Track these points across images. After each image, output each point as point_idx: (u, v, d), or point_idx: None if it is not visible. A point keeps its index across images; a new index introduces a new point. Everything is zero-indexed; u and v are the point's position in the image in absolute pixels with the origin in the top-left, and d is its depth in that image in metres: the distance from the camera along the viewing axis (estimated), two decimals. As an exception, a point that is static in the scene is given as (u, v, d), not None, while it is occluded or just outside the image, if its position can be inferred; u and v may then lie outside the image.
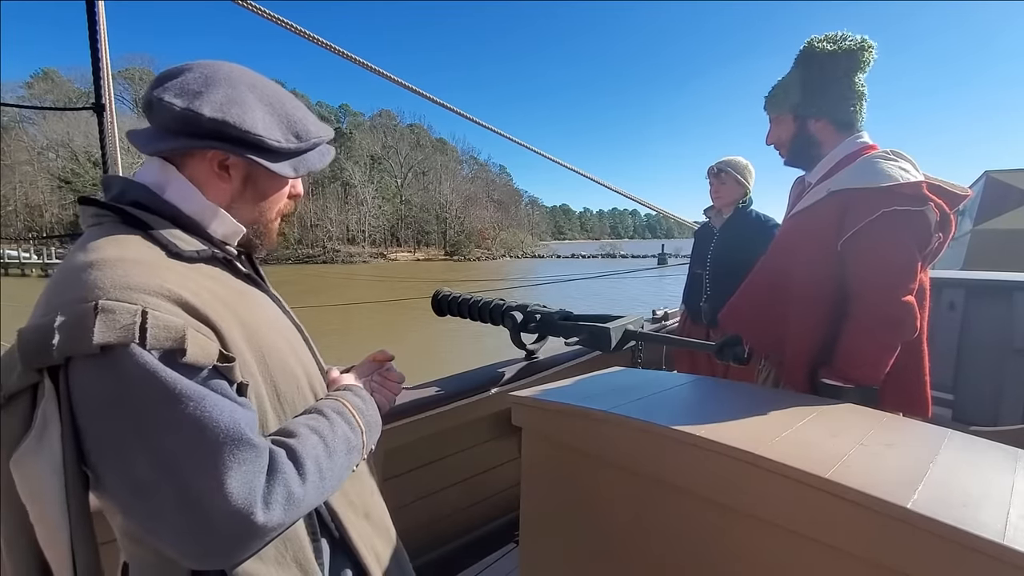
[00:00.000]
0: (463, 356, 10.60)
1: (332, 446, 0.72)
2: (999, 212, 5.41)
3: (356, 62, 2.15)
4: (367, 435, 0.80)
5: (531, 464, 1.29)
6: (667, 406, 1.15)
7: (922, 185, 1.25)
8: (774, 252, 1.52)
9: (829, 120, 1.44)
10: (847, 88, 1.40)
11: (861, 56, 1.39)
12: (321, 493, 0.69)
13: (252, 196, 0.78)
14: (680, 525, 0.99)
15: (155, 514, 0.58)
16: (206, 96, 0.70)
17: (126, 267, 0.60)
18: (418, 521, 1.88)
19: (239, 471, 0.58)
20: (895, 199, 1.25)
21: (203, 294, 0.65)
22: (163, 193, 0.72)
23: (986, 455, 0.93)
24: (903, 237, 1.26)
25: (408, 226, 76.15)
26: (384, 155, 77.53)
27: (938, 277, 2.83)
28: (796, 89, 1.48)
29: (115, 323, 0.56)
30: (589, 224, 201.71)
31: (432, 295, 2.26)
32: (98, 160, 1.75)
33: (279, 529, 0.63)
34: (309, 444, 0.69)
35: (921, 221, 1.26)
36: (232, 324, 0.67)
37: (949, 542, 0.67)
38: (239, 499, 0.58)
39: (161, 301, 0.60)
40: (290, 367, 0.76)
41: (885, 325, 1.26)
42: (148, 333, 0.57)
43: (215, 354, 0.62)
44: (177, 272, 0.65)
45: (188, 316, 0.61)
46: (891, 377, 1.30)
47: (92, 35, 1.66)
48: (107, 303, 0.56)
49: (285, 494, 0.62)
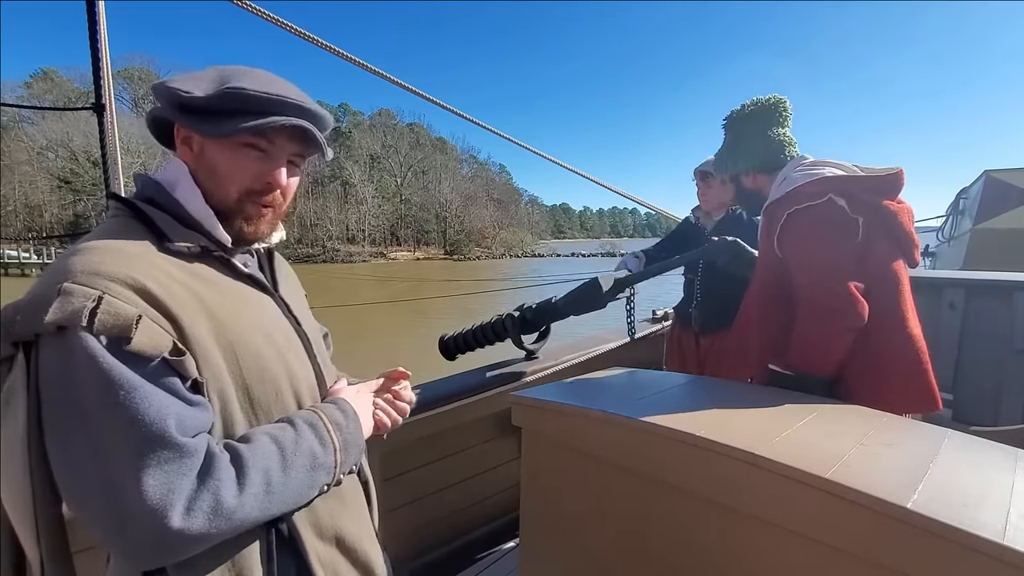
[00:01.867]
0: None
1: (291, 460, 0.68)
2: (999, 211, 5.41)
3: (356, 62, 2.15)
4: (342, 453, 0.75)
5: (531, 464, 1.29)
6: (667, 406, 1.15)
7: (819, 180, 1.36)
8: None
9: (758, 171, 1.61)
10: (768, 140, 1.57)
11: (774, 111, 1.58)
12: (265, 508, 0.65)
13: (206, 172, 0.74)
14: (680, 525, 0.99)
15: (83, 502, 0.58)
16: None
17: (101, 254, 0.63)
18: (418, 521, 1.88)
19: (158, 470, 0.57)
20: (796, 200, 1.37)
21: (174, 287, 0.65)
22: (173, 191, 0.74)
23: (986, 455, 0.93)
24: (813, 229, 1.35)
25: (408, 225, 76.14)
26: (384, 154, 77.52)
27: (938, 277, 2.83)
28: (725, 155, 1.69)
29: (69, 305, 0.57)
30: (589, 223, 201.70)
31: (438, 341, 2.24)
32: (97, 160, 1.75)
33: (203, 538, 0.60)
34: (261, 454, 0.65)
35: (826, 212, 1.34)
36: (200, 320, 0.66)
37: (949, 542, 0.67)
38: (154, 499, 0.56)
39: (121, 288, 0.61)
40: (270, 372, 0.73)
41: (823, 313, 1.31)
42: (96, 318, 0.57)
43: (166, 346, 0.61)
44: (153, 264, 0.66)
45: (147, 306, 0.62)
46: (893, 371, 1.31)
47: (92, 35, 1.66)
48: (69, 286, 0.58)
49: (212, 502, 0.59)
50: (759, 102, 1.60)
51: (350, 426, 0.78)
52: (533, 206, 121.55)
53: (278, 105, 0.73)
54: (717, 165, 1.73)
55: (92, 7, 1.63)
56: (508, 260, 70.89)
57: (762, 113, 1.59)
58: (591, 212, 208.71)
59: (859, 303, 1.28)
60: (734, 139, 1.66)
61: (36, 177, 49.31)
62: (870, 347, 1.31)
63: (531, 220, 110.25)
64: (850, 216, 1.32)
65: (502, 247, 79.26)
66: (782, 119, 1.59)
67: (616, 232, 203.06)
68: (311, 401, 0.80)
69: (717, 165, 1.73)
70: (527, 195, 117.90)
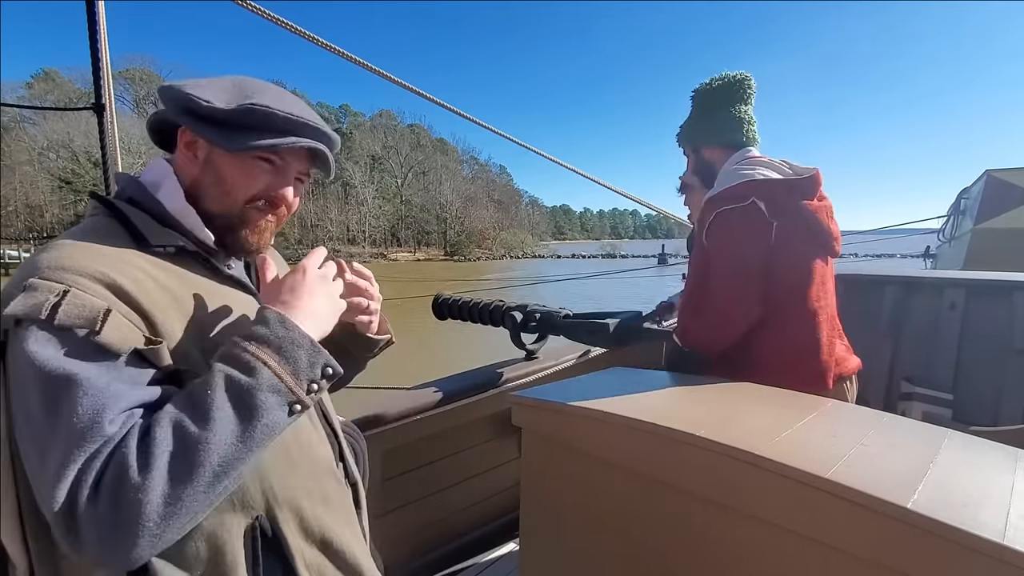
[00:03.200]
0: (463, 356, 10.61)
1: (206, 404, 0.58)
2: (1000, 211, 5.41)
3: (356, 62, 2.15)
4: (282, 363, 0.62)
5: (531, 464, 1.29)
6: (667, 406, 1.15)
7: (744, 184, 1.46)
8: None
9: (716, 144, 1.66)
10: (729, 116, 1.61)
11: (738, 88, 1.61)
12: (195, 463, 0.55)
13: (212, 180, 0.75)
14: (680, 525, 0.99)
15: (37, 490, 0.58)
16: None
17: (70, 250, 0.63)
18: (418, 521, 1.88)
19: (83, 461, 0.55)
20: (723, 201, 1.48)
21: (147, 284, 0.65)
22: (156, 191, 0.74)
23: (986, 455, 0.93)
24: (732, 231, 1.46)
25: (408, 226, 76.12)
26: (384, 155, 77.53)
27: (938, 277, 2.83)
28: (689, 126, 1.73)
29: (31, 299, 0.58)
30: (589, 224, 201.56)
31: (432, 299, 2.26)
32: (98, 160, 1.75)
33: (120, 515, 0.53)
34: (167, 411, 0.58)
35: (746, 214, 1.44)
36: (174, 318, 0.66)
37: (949, 542, 0.67)
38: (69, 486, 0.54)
39: (89, 282, 0.61)
40: None
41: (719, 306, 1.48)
42: (60, 311, 0.57)
43: (136, 340, 0.61)
44: (126, 260, 0.65)
45: (117, 300, 0.62)
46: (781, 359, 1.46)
47: (92, 35, 1.66)
48: (34, 281, 0.59)
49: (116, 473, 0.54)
50: (726, 77, 1.63)
51: (276, 331, 0.64)
52: (533, 207, 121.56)
53: (300, 127, 0.75)
54: (681, 137, 1.77)
55: (92, 7, 1.63)
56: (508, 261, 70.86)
57: (727, 89, 1.63)
58: (591, 213, 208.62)
59: (749, 303, 1.44)
60: (698, 112, 1.70)
61: (37, 177, 49.33)
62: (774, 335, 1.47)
63: (531, 221, 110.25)
64: (767, 220, 1.44)
65: (502, 248, 79.23)
66: (746, 96, 1.63)
67: (617, 233, 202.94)
68: None
69: (681, 137, 1.77)
70: (528, 196, 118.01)
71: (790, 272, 1.48)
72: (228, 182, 0.74)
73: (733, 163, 1.59)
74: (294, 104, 0.76)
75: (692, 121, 1.73)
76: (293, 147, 0.75)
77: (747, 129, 1.62)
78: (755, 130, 1.64)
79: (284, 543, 0.71)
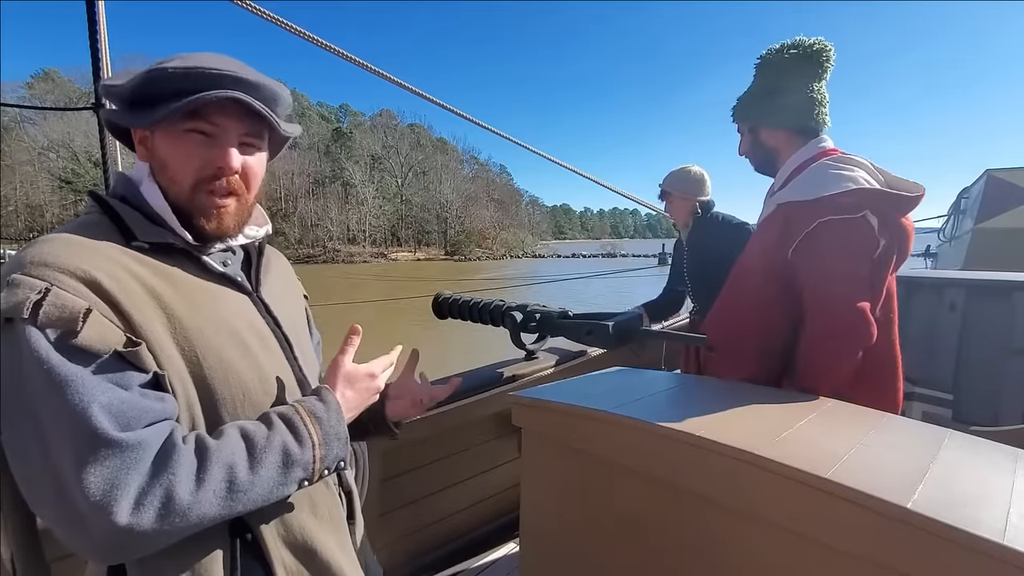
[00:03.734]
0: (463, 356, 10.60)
1: (260, 456, 0.64)
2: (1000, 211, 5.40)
3: (356, 62, 2.15)
4: (321, 448, 0.70)
5: (531, 464, 1.29)
6: (667, 406, 1.15)
7: (858, 193, 1.24)
8: (738, 263, 1.54)
9: (781, 127, 1.44)
10: (800, 93, 1.39)
11: (812, 61, 1.37)
12: (228, 506, 0.62)
13: (159, 167, 0.71)
14: (680, 525, 0.98)
15: (37, 500, 0.58)
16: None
17: (53, 246, 0.62)
18: (418, 521, 1.88)
19: (98, 466, 0.55)
20: (830, 209, 1.25)
21: (129, 282, 0.64)
22: (140, 187, 0.74)
23: (986, 455, 0.93)
24: (841, 246, 1.26)
25: (409, 226, 76.09)
26: (385, 155, 77.53)
27: (938, 277, 2.83)
28: (748, 100, 1.50)
29: (14, 296, 0.57)
30: (590, 224, 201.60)
31: (432, 298, 2.26)
32: (98, 160, 1.75)
33: (157, 535, 0.57)
34: (228, 449, 0.63)
35: (858, 228, 1.25)
36: (154, 317, 0.64)
37: (949, 542, 0.67)
38: (96, 496, 0.54)
39: (70, 280, 0.60)
40: (236, 372, 0.70)
41: (837, 336, 1.26)
42: (42, 310, 0.57)
43: (116, 340, 0.60)
44: (110, 258, 0.64)
45: (97, 299, 0.60)
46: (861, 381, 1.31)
47: (92, 35, 1.66)
48: (16, 277, 0.58)
49: (164, 497, 0.57)
50: (801, 46, 1.38)
51: (332, 419, 0.73)
52: (534, 207, 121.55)
53: (205, 79, 0.67)
54: (737, 110, 1.55)
55: (92, 7, 1.63)
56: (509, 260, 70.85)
57: (802, 60, 1.38)
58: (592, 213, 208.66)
59: (871, 326, 1.25)
60: (763, 85, 1.45)
61: (37, 177, 49.35)
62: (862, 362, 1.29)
63: (532, 221, 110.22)
64: (876, 238, 1.27)
65: (503, 248, 79.20)
66: (823, 71, 1.39)
67: (617, 233, 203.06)
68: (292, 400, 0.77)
69: (737, 110, 1.55)
70: (528, 196, 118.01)
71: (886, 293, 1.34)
72: (170, 166, 0.71)
73: (813, 156, 1.38)
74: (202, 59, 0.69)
75: (754, 94, 1.48)
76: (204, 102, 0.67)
77: (818, 111, 1.40)
78: (827, 112, 1.41)
79: (264, 548, 0.71)
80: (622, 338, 1.85)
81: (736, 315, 1.48)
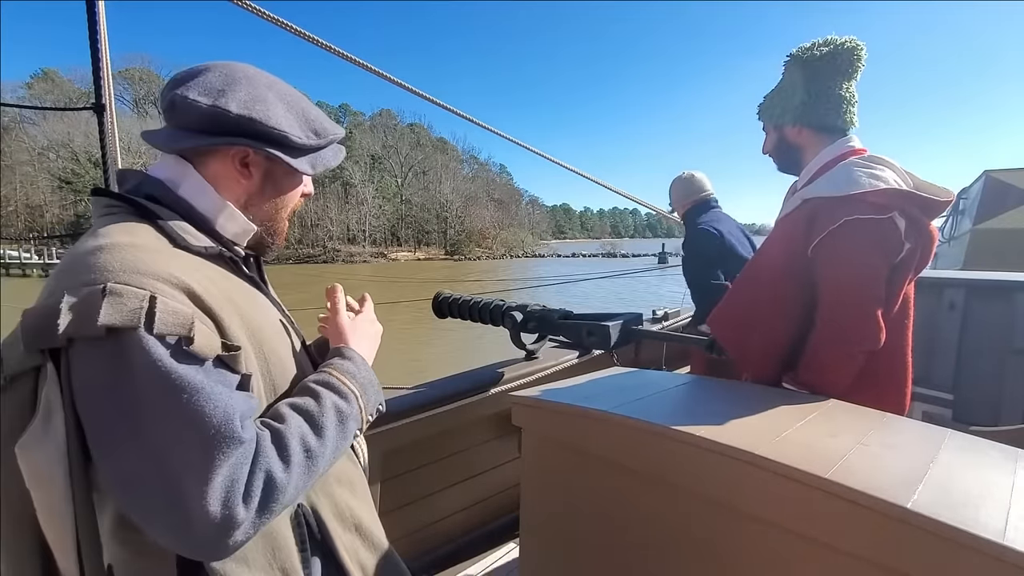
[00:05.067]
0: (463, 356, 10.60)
1: (321, 423, 0.70)
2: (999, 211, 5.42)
3: (356, 62, 2.15)
4: (363, 398, 0.78)
5: (531, 464, 1.29)
6: (667, 406, 1.15)
7: (888, 193, 1.22)
8: (754, 258, 1.53)
9: (807, 126, 1.42)
10: (830, 93, 1.37)
11: (847, 59, 1.35)
12: (312, 472, 0.67)
13: (270, 193, 0.80)
14: (680, 525, 0.98)
15: (145, 507, 0.57)
16: (231, 94, 0.71)
17: (136, 252, 0.60)
18: (418, 521, 1.88)
19: (225, 467, 0.57)
20: (858, 208, 1.23)
21: (209, 286, 0.65)
22: (177, 189, 0.73)
23: (986, 455, 0.93)
24: (865, 246, 1.24)
25: (408, 226, 76.10)
26: (384, 154, 77.51)
27: (938, 277, 2.83)
28: (774, 98, 1.49)
29: (123, 306, 0.55)
30: (590, 223, 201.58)
31: (432, 297, 2.27)
32: (99, 160, 1.75)
33: (261, 520, 0.61)
34: (294, 424, 0.67)
35: (885, 229, 1.23)
36: (234, 319, 0.66)
37: (949, 542, 0.67)
38: (222, 495, 0.56)
39: (169, 288, 0.59)
40: (289, 367, 0.76)
41: (844, 336, 1.26)
42: (156, 319, 0.56)
43: (218, 345, 0.62)
44: (184, 262, 0.65)
45: (195, 306, 0.61)
46: (868, 382, 1.30)
47: (92, 35, 1.66)
48: (115, 286, 0.56)
49: (266, 483, 0.60)
50: (832, 44, 1.36)
51: (361, 371, 0.81)
52: (534, 206, 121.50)
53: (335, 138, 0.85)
54: (763, 109, 1.53)
55: (92, 7, 1.62)
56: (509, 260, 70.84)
57: (834, 59, 1.35)
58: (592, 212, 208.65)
59: (881, 331, 1.24)
60: (792, 83, 1.42)
61: (37, 177, 49.33)
62: (870, 363, 1.29)
63: (532, 220, 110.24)
64: (900, 241, 1.25)
65: (503, 247, 79.22)
66: (855, 71, 1.37)
67: (617, 232, 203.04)
68: None
69: (763, 109, 1.53)
70: (528, 195, 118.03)
71: (902, 297, 1.32)
72: (287, 196, 0.83)
73: (841, 155, 1.36)
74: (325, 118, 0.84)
75: (782, 92, 1.46)
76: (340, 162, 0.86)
77: (847, 111, 1.38)
78: (856, 112, 1.39)
79: (324, 527, 0.76)
80: (622, 338, 1.86)
81: (748, 310, 1.46)
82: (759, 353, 1.42)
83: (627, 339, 1.90)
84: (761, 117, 1.55)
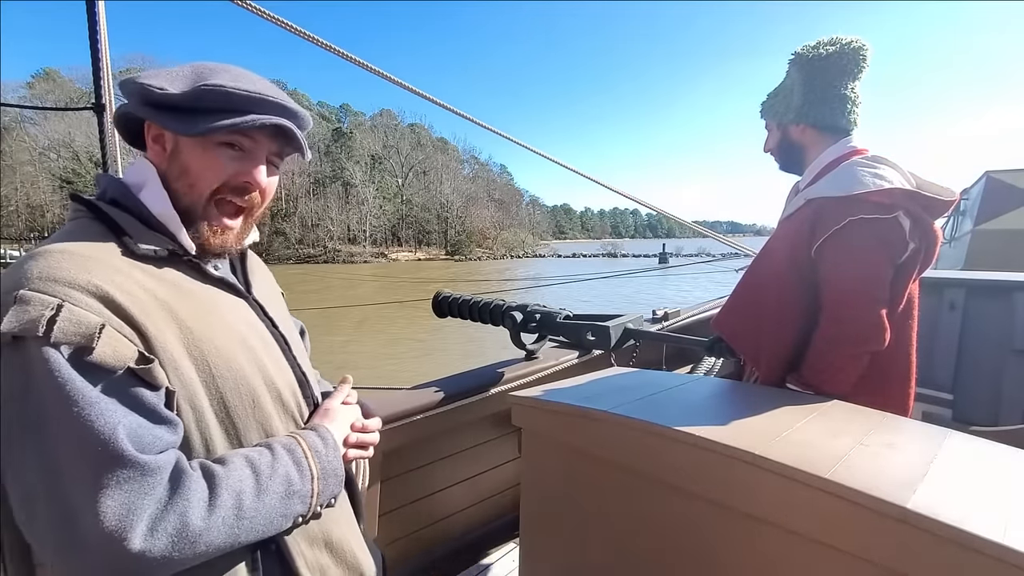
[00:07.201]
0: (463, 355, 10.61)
1: (265, 484, 0.65)
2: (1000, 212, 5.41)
3: (356, 62, 2.15)
4: (320, 482, 0.72)
5: (531, 464, 1.29)
6: (667, 406, 1.15)
7: (893, 193, 1.22)
8: (757, 259, 1.52)
9: (811, 125, 1.42)
10: (834, 93, 1.37)
11: (852, 59, 1.35)
12: (234, 534, 0.62)
13: (178, 171, 0.72)
14: (680, 525, 0.98)
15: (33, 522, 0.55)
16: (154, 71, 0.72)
17: (61, 259, 0.60)
18: (418, 521, 1.88)
19: (116, 490, 0.54)
20: (862, 207, 1.23)
21: (139, 293, 0.62)
22: (138, 192, 0.71)
23: (986, 455, 0.93)
24: (869, 246, 1.24)
25: (409, 226, 76.08)
26: (385, 155, 77.51)
27: (938, 277, 2.82)
28: (778, 97, 1.48)
29: (25, 314, 0.55)
30: (590, 224, 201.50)
31: (432, 297, 2.27)
32: (99, 160, 1.75)
33: (165, 562, 0.56)
34: (235, 477, 0.63)
35: (889, 229, 1.24)
36: (167, 328, 0.63)
37: (949, 542, 0.67)
38: (112, 520, 0.53)
39: (83, 296, 0.58)
40: (245, 379, 0.70)
41: (848, 336, 1.25)
42: (56, 327, 0.55)
43: (130, 357, 0.58)
44: (117, 269, 0.63)
45: (110, 314, 0.59)
46: (871, 383, 1.30)
47: (92, 35, 1.66)
48: (25, 293, 0.56)
49: (179, 524, 0.56)
50: (838, 43, 1.36)
51: (329, 454, 0.75)
52: (534, 206, 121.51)
53: (259, 104, 0.71)
54: (767, 107, 1.53)
55: (92, 7, 1.62)
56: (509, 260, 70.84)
57: (840, 59, 1.35)
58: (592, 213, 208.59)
59: (885, 332, 1.24)
60: (797, 82, 1.42)
61: (38, 177, 49.33)
62: (874, 364, 1.28)
63: (532, 221, 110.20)
64: (905, 241, 1.25)
65: (503, 248, 79.22)
66: (859, 71, 1.37)
67: (617, 232, 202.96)
68: (294, 404, 0.78)
69: (767, 107, 1.53)
70: (528, 195, 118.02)
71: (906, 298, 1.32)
72: (193, 172, 0.71)
73: (844, 155, 1.36)
74: (254, 81, 0.73)
75: (787, 91, 1.45)
76: (254, 125, 0.70)
77: (851, 111, 1.38)
78: (859, 112, 1.39)
79: (282, 544, 0.71)
80: (622, 339, 1.86)
81: (753, 312, 1.46)
82: (769, 354, 1.41)
83: (627, 339, 1.90)
84: (764, 115, 1.55)
